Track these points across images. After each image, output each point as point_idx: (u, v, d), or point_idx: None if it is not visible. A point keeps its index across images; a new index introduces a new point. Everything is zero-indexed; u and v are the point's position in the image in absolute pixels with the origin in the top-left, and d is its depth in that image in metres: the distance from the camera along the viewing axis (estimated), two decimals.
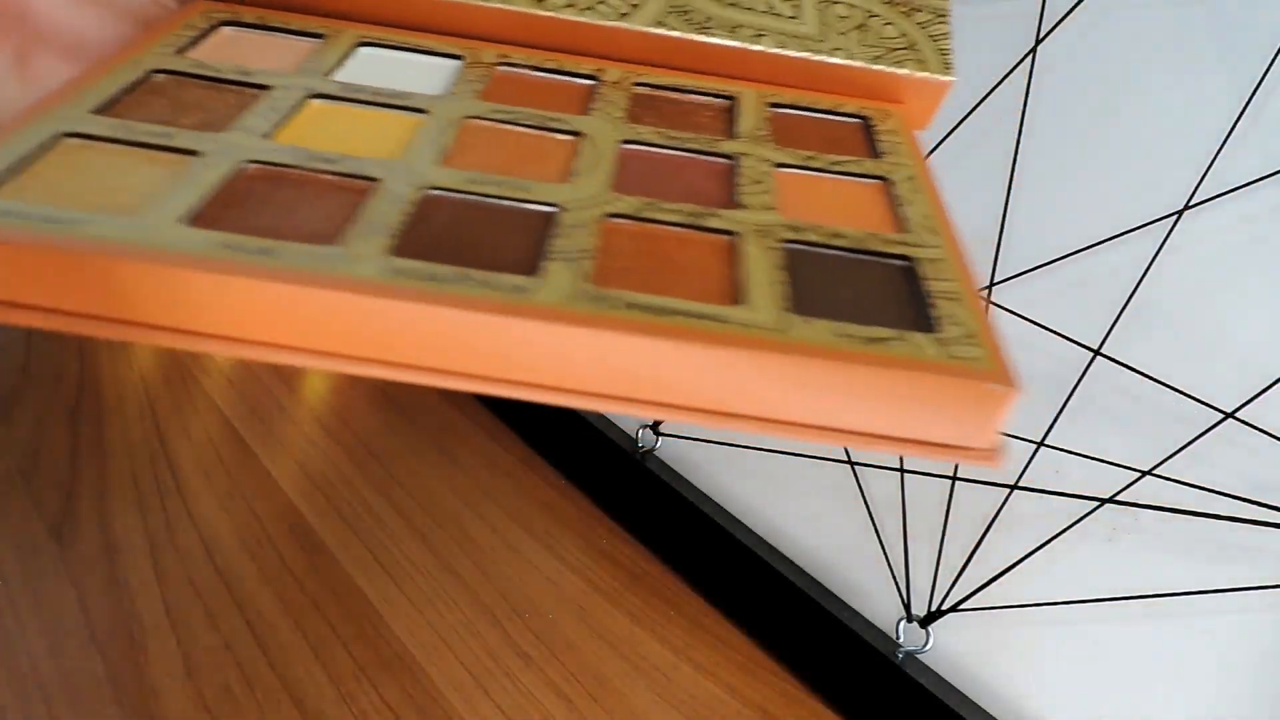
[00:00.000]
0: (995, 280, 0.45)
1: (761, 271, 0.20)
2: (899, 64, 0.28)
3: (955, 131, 0.46)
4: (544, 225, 0.21)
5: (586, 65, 0.28)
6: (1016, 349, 0.19)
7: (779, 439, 0.19)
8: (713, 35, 0.28)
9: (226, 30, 0.27)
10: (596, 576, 0.59)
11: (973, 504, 0.47)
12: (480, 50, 0.28)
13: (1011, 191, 0.45)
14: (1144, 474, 0.41)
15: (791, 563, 0.55)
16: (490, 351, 0.18)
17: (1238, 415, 0.38)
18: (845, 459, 0.52)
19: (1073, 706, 0.45)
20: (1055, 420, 0.43)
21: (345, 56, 0.27)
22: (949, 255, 0.22)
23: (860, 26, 0.29)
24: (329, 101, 0.25)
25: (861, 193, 0.25)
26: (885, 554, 0.51)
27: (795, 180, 0.25)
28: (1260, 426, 0.38)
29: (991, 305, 0.45)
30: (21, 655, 0.48)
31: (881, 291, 0.21)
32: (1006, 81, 0.44)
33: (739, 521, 0.57)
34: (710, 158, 0.25)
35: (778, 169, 0.25)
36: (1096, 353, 0.42)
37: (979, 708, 0.46)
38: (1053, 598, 0.44)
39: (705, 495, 0.59)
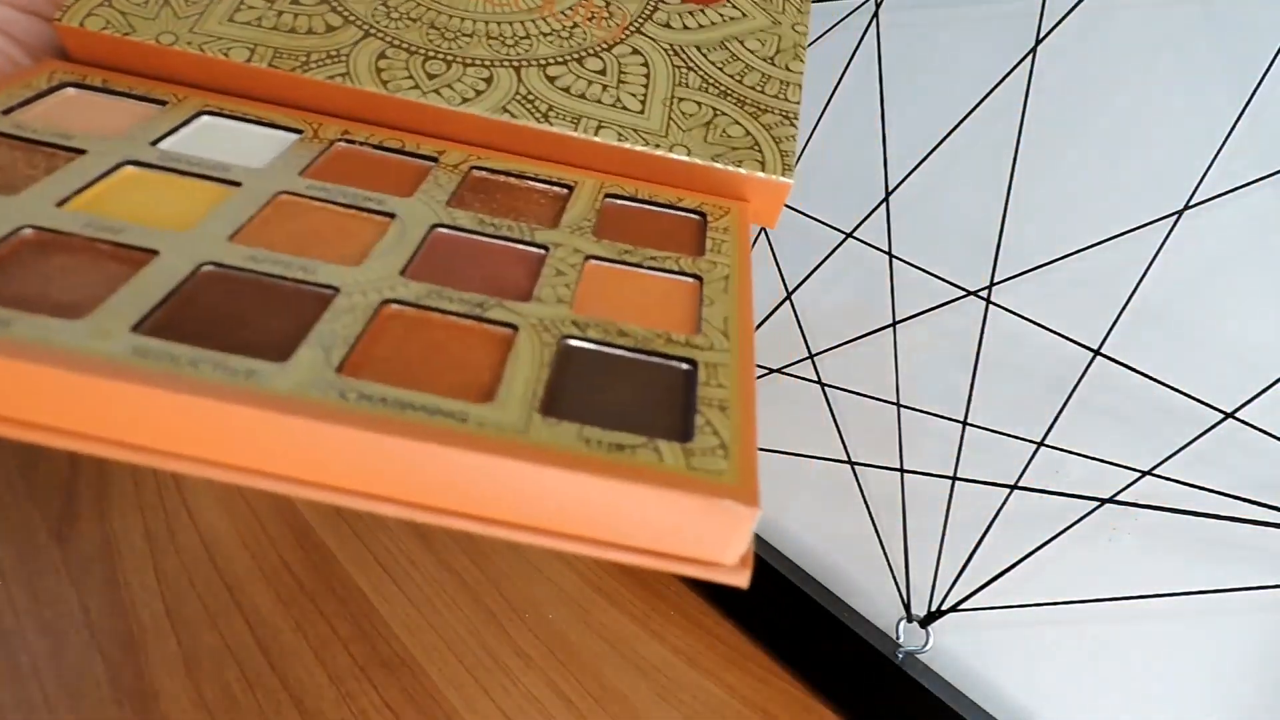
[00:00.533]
0: (995, 280, 0.45)
1: (526, 368, 0.20)
2: (739, 163, 0.28)
3: (955, 131, 0.46)
4: (316, 308, 0.20)
5: (429, 145, 0.28)
6: (1017, 349, 0.19)
7: (524, 538, 0.18)
8: (554, 125, 0.28)
9: (69, 91, 0.27)
10: (596, 576, 0.59)
11: (973, 504, 0.47)
12: (326, 125, 0.28)
13: (1011, 191, 0.45)
14: (1144, 474, 0.41)
15: (791, 563, 0.55)
16: (208, 435, 0.17)
17: (1238, 415, 0.38)
18: (845, 459, 0.52)
19: (1073, 706, 0.45)
20: (1055, 420, 0.43)
21: (182, 124, 0.26)
22: (734, 360, 0.21)
23: (707, 124, 0.29)
24: (144, 169, 0.24)
25: (669, 290, 0.24)
26: (885, 554, 0.51)
27: (604, 274, 0.24)
28: (1260, 426, 0.38)
29: (991, 305, 0.45)
30: (21, 655, 0.48)
31: (649, 395, 0.20)
32: (1006, 81, 0.44)
33: None
34: (523, 246, 0.25)
35: (590, 261, 0.24)
36: (1096, 353, 0.42)
37: (979, 708, 0.46)
38: (1053, 598, 0.44)
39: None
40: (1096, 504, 0.42)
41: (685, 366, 0.21)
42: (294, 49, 0.28)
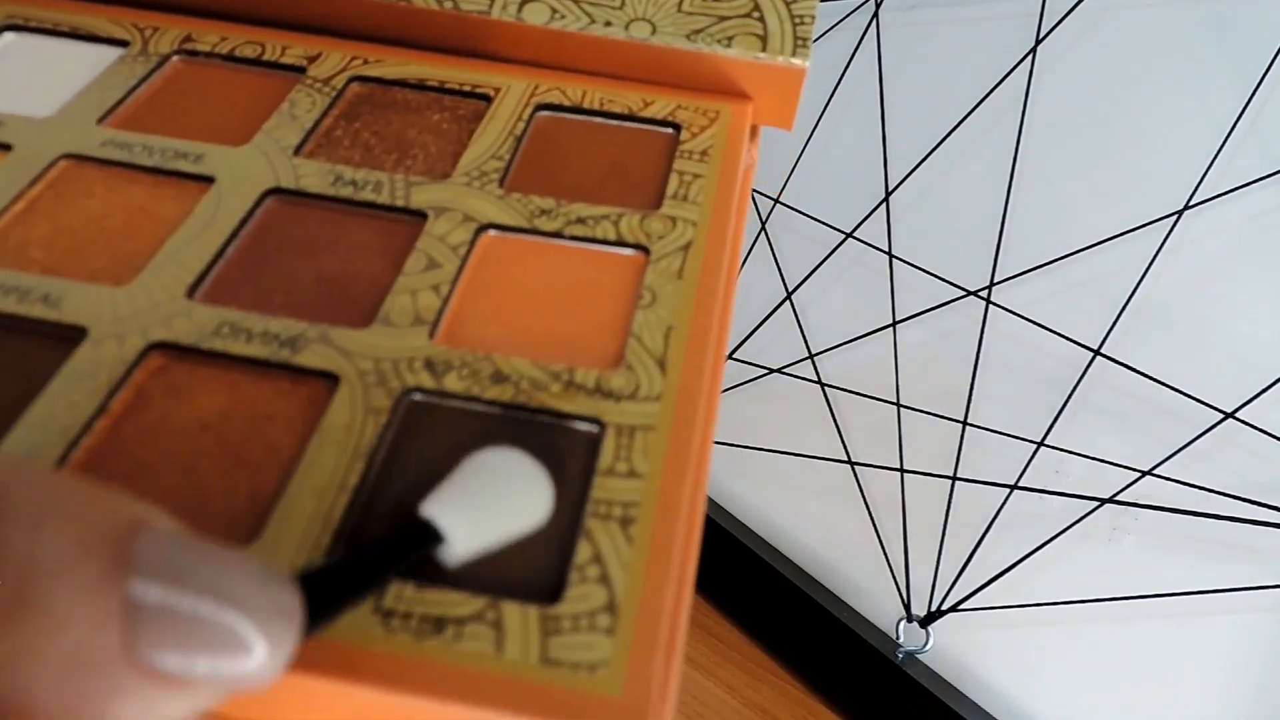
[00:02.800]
0: (995, 280, 0.45)
1: (330, 460, 0.13)
2: (728, 42, 0.19)
3: (955, 131, 0.46)
4: (46, 371, 0.14)
5: (300, 47, 0.20)
6: (1017, 349, 0.15)
7: None
8: (461, 2, 0.20)
9: None
10: None
11: (973, 504, 0.47)
12: (162, 30, 0.21)
13: (1011, 192, 0.45)
14: (1144, 474, 0.41)
15: (791, 563, 0.55)
16: None
17: (1238, 415, 0.38)
18: (845, 459, 0.52)
19: (1072, 707, 0.45)
20: (1055, 420, 0.43)
21: None
22: (665, 415, 0.14)
23: None
24: None
25: (598, 277, 0.17)
26: (885, 554, 0.51)
27: (504, 254, 0.17)
28: (1260, 426, 0.38)
29: (991, 305, 0.45)
30: None
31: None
32: (1006, 81, 0.44)
33: (739, 521, 0.57)
34: (392, 216, 0.17)
35: (485, 234, 0.17)
36: (1096, 353, 0.42)
37: (979, 708, 0.46)
38: (1053, 598, 0.44)
39: (705, 495, 0.59)
40: (1096, 504, 0.42)
41: (584, 429, 0.14)
42: None
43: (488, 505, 0.12)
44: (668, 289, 0.16)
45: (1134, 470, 0.41)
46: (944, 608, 0.48)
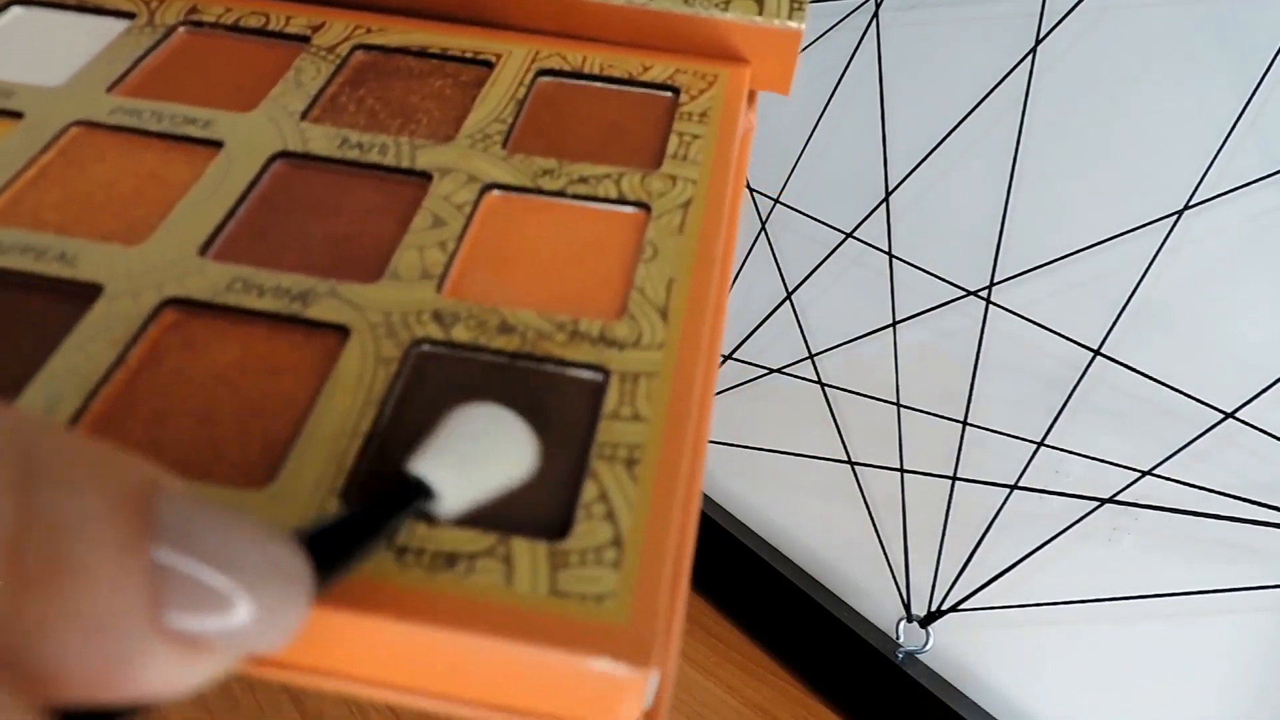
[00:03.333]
0: (995, 280, 0.45)
1: (341, 409, 0.14)
2: (723, 5, 0.20)
3: (955, 131, 0.46)
4: (64, 324, 0.15)
5: (304, 17, 0.21)
6: (1017, 349, 0.15)
7: (332, 686, 0.13)
8: None
9: None
10: None
11: (973, 504, 0.47)
12: (166, 2, 0.21)
13: (1011, 192, 0.45)
14: (1144, 474, 0.41)
15: (791, 563, 0.55)
16: None
17: (1238, 415, 0.38)
18: (845, 459, 0.52)
19: (1072, 707, 0.45)
20: (1055, 420, 0.43)
21: None
22: (668, 363, 0.14)
23: None
24: None
25: (601, 234, 0.17)
26: (885, 554, 0.51)
27: (508, 213, 0.17)
28: (1260, 426, 0.38)
29: (991, 305, 0.45)
30: None
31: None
32: (1006, 81, 0.44)
33: (739, 521, 0.57)
34: (398, 177, 0.18)
35: (490, 194, 0.18)
36: (1096, 353, 0.42)
37: (979, 708, 0.46)
38: (1053, 598, 0.44)
39: (704, 495, 0.59)
40: (1096, 504, 0.42)
41: (589, 377, 0.15)
42: None
43: (475, 459, 0.12)
44: (669, 243, 0.16)
45: (1134, 470, 0.41)
46: (944, 608, 0.48)
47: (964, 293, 0.46)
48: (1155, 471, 0.40)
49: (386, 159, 0.18)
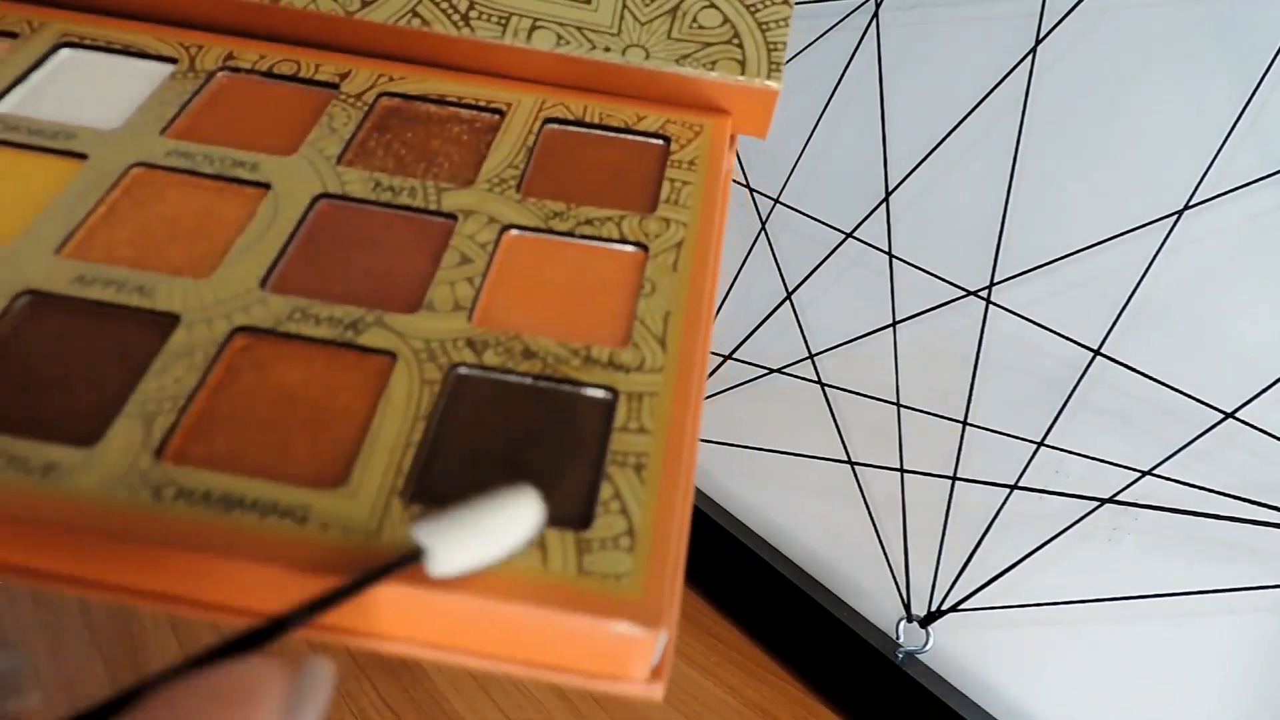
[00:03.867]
0: (995, 280, 0.45)
1: (395, 424, 0.16)
2: (711, 65, 0.22)
3: (955, 131, 0.46)
4: (148, 351, 0.17)
5: (331, 65, 0.23)
6: (1017, 349, 0.17)
7: (393, 649, 0.15)
8: (477, 29, 0.22)
9: None
10: None
11: (973, 504, 0.47)
12: (206, 48, 0.23)
13: (1011, 192, 0.45)
14: (1144, 474, 0.41)
15: (791, 563, 0.55)
16: (7, 540, 0.14)
17: (1238, 415, 0.38)
18: (845, 459, 0.52)
19: (1073, 707, 0.45)
20: (1055, 420, 0.43)
21: (40, 62, 0.22)
22: (667, 385, 0.17)
23: (672, 12, 0.22)
24: None
25: (606, 271, 0.19)
26: (885, 554, 0.51)
27: (525, 251, 0.20)
28: (1260, 426, 0.38)
29: (991, 305, 0.45)
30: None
31: (545, 455, 0.16)
32: (1006, 81, 0.44)
33: (739, 521, 0.57)
34: (427, 217, 0.20)
35: (508, 234, 0.20)
36: (1096, 353, 0.42)
37: (979, 708, 0.46)
38: (1053, 598, 0.44)
39: (705, 494, 0.59)
40: (1096, 504, 0.42)
41: (602, 396, 0.17)
42: None
43: (479, 530, 0.14)
44: (665, 280, 0.19)
45: (1134, 470, 0.41)
46: (944, 608, 0.48)
47: (964, 293, 0.46)
48: (1155, 471, 0.40)
49: (416, 201, 0.20)
